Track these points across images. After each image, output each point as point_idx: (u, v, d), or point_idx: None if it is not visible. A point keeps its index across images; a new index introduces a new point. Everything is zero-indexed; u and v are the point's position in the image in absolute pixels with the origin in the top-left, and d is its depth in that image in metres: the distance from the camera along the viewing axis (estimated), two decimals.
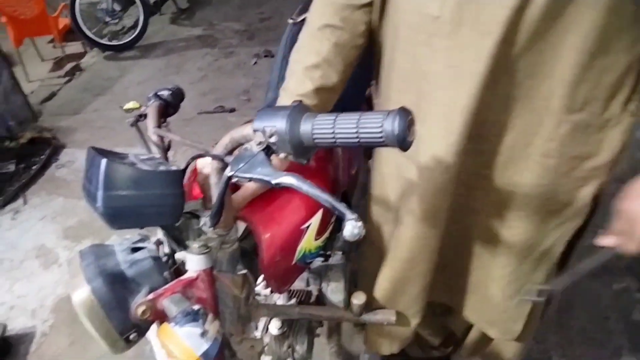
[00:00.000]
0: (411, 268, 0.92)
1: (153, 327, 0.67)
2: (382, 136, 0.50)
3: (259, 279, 0.90)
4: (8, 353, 1.66)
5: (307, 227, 0.85)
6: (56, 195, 2.45)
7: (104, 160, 0.55)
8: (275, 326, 0.96)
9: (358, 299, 0.88)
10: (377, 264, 1.01)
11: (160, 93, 0.84)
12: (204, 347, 0.57)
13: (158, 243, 0.70)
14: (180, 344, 0.57)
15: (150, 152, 0.77)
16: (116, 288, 0.62)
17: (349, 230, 0.48)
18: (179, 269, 0.70)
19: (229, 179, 0.58)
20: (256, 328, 0.98)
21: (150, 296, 0.62)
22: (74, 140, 2.88)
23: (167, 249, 0.70)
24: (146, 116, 0.80)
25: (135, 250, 0.67)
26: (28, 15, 3.41)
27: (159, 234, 0.70)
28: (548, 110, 0.71)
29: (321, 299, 1.09)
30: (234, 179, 0.58)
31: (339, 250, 1.11)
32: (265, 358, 1.00)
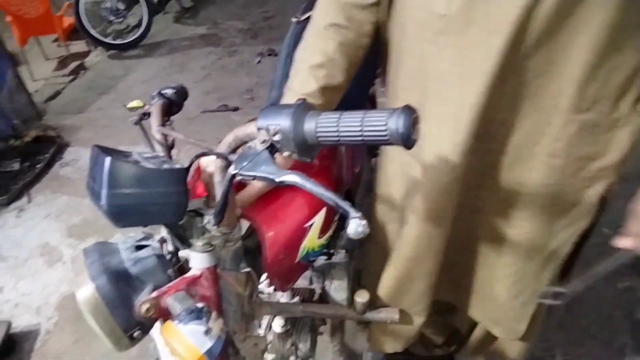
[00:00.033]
0: (415, 267, 0.92)
1: (157, 325, 0.67)
2: (387, 134, 0.50)
3: (262, 277, 0.90)
4: (13, 350, 1.67)
5: (311, 226, 0.85)
6: (60, 193, 2.46)
7: (108, 158, 0.55)
8: (278, 324, 0.96)
9: (361, 297, 0.88)
10: (382, 263, 1.01)
11: (164, 92, 0.84)
12: (208, 345, 0.57)
13: (162, 241, 0.70)
14: (184, 342, 0.57)
15: (154, 151, 0.77)
16: (120, 286, 0.63)
17: (353, 228, 0.47)
18: (183, 267, 0.70)
19: (233, 177, 0.58)
20: (259, 326, 0.98)
21: (154, 294, 0.62)
22: (78, 138, 2.89)
23: (171, 247, 0.70)
24: (150, 115, 0.80)
25: (139, 248, 0.67)
26: (33, 14, 3.43)
27: (163, 232, 0.70)
28: (556, 109, 0.70)
29: (324, 297, 1.09)
30: (238, 177, 0.58)
31: (342, 248, 1.11)
32: (268, 356, 1.00)
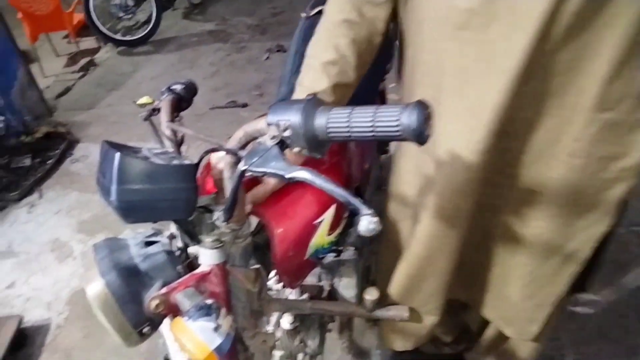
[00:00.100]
0: (428, 265, 0.91)
1: (166, 321, 0.67)
2: (399, 130, 0.49)
3: (272, 274, 0.90)
4: (24, 344, 1.69)
5: (320, 223, 0.85)
6: (71, 189, 2.49)
7: (118, 154, 0.55)
8: (287, 321, 0.96)
9: (370, 295, 0.87)
10: (393, 261, 1.00)
11: (173, 87, 0.84)
12: (217, 342, 0.56)
13: (171, 237, 0.70)
14: (193, 338, 0.57)
15: (163, 147, 0.77)
16: (130, 282, 0.63)
17: (365, 225, 0.47)
18: (192, 263, 0.70)
19: (243, 174, 0.57)
20: (268, 322, 0.98)
21: (163, 290, 0.62)
22: (88, 134, 2.92)
23: (180, 243, 0.70)
24: (159, 110, 0.80)
25: (148, 244, 0.67)
26: (43, 11, 3.46)
27: (172, 228, 0.70)
28: (579, 108, 0.68)
29: (333, 295, 1.08)
30: (248, 174, 0.57)
31: (352, 245, 1.10)
32: (277, 352, 1.00)
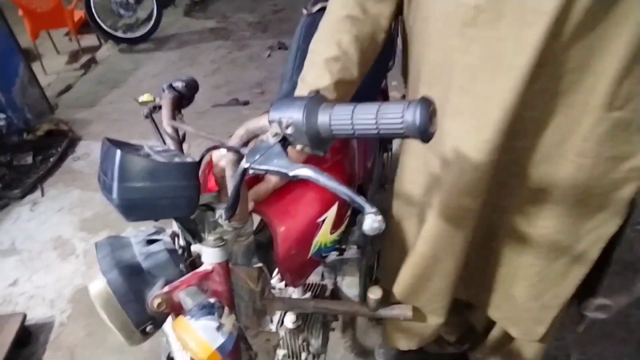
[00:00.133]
0: (433, 265, 0.90)
1: (169, 320, 0.67)
2: (403, 127, 0.48)
3: (274, 272, 0.90)
4: (28, 342, 1.69)
5: (323, 221, 0.84)
6: (73, 187, 2.49)
7: (119, 151, 0.54)
8: (290, 320, 0.96)
9: (374, 294, 0.86)
10: (397, 260, 1.00)
11: (174, 84, 0.83)
12: (220, 341, 0.56)
13: (173, 235, 0.70)
14: (196, 337, 0.57)
15: (165, 144, 0.76)
16: (132, 280, 0.62)
17: (369, 224, 0.46)
18: (195, 262, 0.69)
19: (245, 171, 0.57)
20: (271, 321, 0.97)
21: (166, 289, 0.62)
22: (90, 132, 2.91)
23: (183, 242, 0.69)
24: (160, 108, 0.80)
25: (150, 242, 0.67)
26: (44, 8, 3.45)
27: (174, 227, 0.70)
28: (588, 107, 0.67)
29: (336, 293, 1.08)
30: (250, 171, 0.57)
31: (354, 244, 1.10)
32: (280, 352, 0.99)
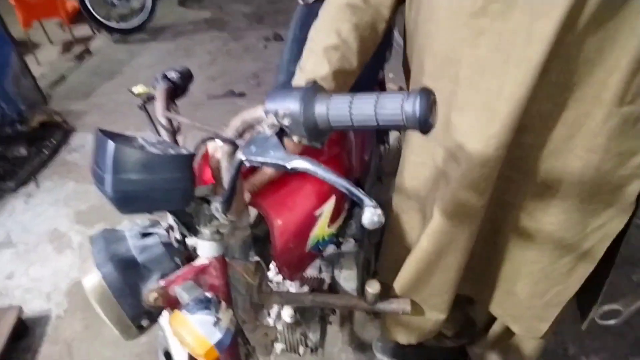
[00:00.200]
0: (437, 260, 0.89)
1: (165, 314, 0.66)
2: (403, 118, 0.47)
3: (271, 266, 0.89)
4: (24, 335, 1.69)
5: (321, 214, 0.83)
6: (68, 179, 2.46)
7: (112, 143, 0.53)
8: (287, 314, 0.95)
9: (372, 288, 0.85)
10: (398, 254, 0.99)
11: (168, 75, 0.81)
12: (218, 336, 0.55)
13: (169, 229, 0.69)
14: (193, 332, 0.56)
15: (159, 136, 0.75)
16: (127, 274, 0.62)
17: (368, 217, 0.45)
18: (191, 255, 0.68)
19: (241, 163, 0.56)
20: (269, 315, 0.97)
21: (161, 283, 0.61)
22: (85, 124, 2.88)
23: (178, 235, 0.68)
24: (154, 98, 0.78)
25: (145, 235, 0.66)
26: None
27: (170, 220, 0.69)
28: (598, 100, 0.66)
29: (334, 287, 1.08)
30: (246, 164, 0.55)
31: (352, 237, 1.09)
32: (278, 346, 0.99)
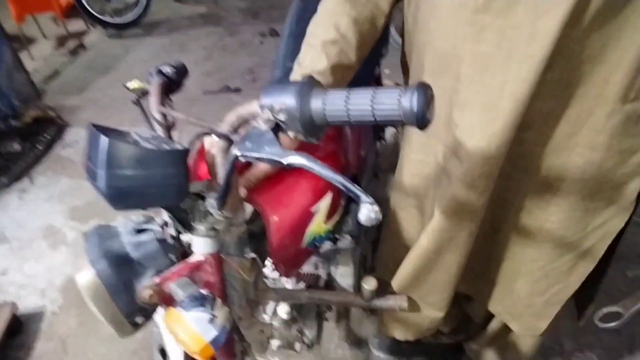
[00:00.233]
0: (436, 258, 0.89)
1: (160, 311, 0.65)
2: (400, 113, 0.47)
3: (267, 263, 0.88)
4: (19, 332, 1.68)
5: (317, 210, 0.83)
6: (62, 175, 2.44)
7: (105, 138, 0.52)
8: (283, 310, 0.94)
9: (368, 284, 0.85)
10: (396, 251, 0.99)
11: (163, 69, 0.80)
12: (213, 334, 0.55)
13: (163, 225, 0.68)
14: (188, 329, 0.55)
15: (154, 131, 0.74)
16: (121, 270, 0.61)
17: (365, 214, 0.45)
18: (186, 252, 0.68)
19: (236, 159, 0.55)
20: (265, 312, 0.96)
21: (156, 279, 0.61)
22: (79, 119, 2.85)
23: (173, 231, 0.68)
24: (149, 93, 0.77)
25: (140, 231, 0.66)
26: None
27: (164, 216, 0.68)
28: (601, 98, 0.65)
29: (330, 283, 1.07)
30: (242, 159, 0.55)
31: (348, 233, 1.09)
32: (274, 342, 0.99)
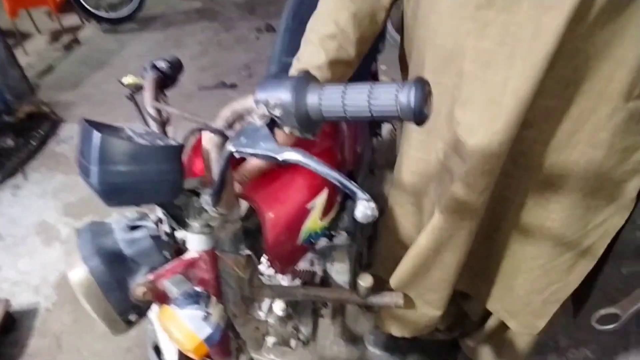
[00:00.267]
0: (434, 257, 0.89)
1: (155, 308, 0.65)
2: (397, 109, 0.46)
3: (263, 259, 0.88)
4: (13, 328, 1.66)
5: (313, 207, 0.82)
6: (56, 171, 2.42)
7: (98, 134, 0.51)
8: (279, 307, 0.94)
9: (364, 281, 0.85)
10: (394, 248, 0.98)
11: (157, 64, 0.79)
12: (207, 331, 0.54)
13: (158, 221, 0.67)
14: (182, 327, 0.55)
15: (148, 126, 0.73)
16: (114, 268, 0.60)
17: (362, 211, 0.44)
18: (180, 248, 0.67)
19: (231, 155, 0.54)
20: (260, 309, 0.96)
21: (150, 277, 0.60)
22: (73, 115, 2.83)
23: (167, 228, 0.67)
24: (143, 88, 0.76)
25: (134, 228, 0.65)
26: None
27: (159, 212, 0.67)
28: (604, 95, 0.65)
29: (326, 280, 1.07)
30: (237, 155, 0.54)
31: (344, 230, 1.08)
32: (269, 339, 0.98)
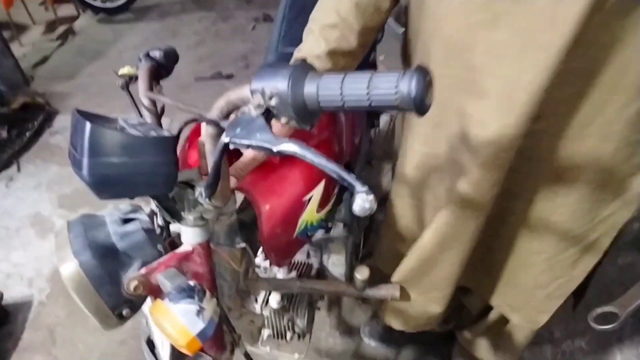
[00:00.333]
0: (439, 253, 0.88)
1: (148, 301, 0.64)
2: (397, 98, 0.45)
3: (259, 252, 0.87)
4: (6, 321, 1.65)
5: (309, 199, 0.81)
6: (51, 162, 2.40)
7: (89, 124, 0.50)
8: (275, 300, 0.93)
9: (361, 274, 0.84)
10: (396, 243, 0.97)
11: (152, 54, 0.77)
12: (200, 326, 0.53)
13: (151, 214, 0.66)
14: (174, 322, 0.54)
15: (142, 117, 0.71)
16: (106, 262, 0.59)
17: (360, 204, 0.43)
18: (174, 242, 0.66)
19: (225, 146, 0.53)
20: (256, 302, 0.95)
21: (143, 270, 0.59)
22: (68, 106, 2.80)
23: (161, 221, 0.66)
24: (138, 78, 0.75)
25: (127, 221, 0.63)
26: None
27: (152, 205, 0.66)
28: (618, 87, 0.63)
29: (322, 272, 1.06)
30: (231, 146, 0.53)
31: (341, 222, 1.08)
32: (265, 331, 0.98)
